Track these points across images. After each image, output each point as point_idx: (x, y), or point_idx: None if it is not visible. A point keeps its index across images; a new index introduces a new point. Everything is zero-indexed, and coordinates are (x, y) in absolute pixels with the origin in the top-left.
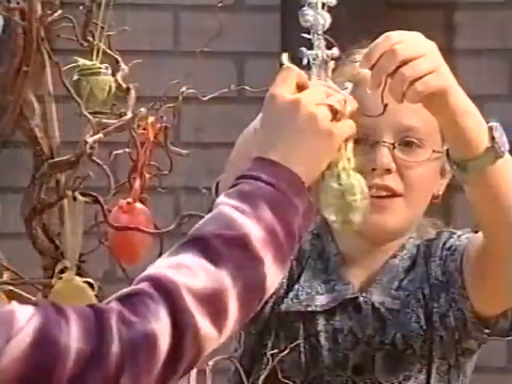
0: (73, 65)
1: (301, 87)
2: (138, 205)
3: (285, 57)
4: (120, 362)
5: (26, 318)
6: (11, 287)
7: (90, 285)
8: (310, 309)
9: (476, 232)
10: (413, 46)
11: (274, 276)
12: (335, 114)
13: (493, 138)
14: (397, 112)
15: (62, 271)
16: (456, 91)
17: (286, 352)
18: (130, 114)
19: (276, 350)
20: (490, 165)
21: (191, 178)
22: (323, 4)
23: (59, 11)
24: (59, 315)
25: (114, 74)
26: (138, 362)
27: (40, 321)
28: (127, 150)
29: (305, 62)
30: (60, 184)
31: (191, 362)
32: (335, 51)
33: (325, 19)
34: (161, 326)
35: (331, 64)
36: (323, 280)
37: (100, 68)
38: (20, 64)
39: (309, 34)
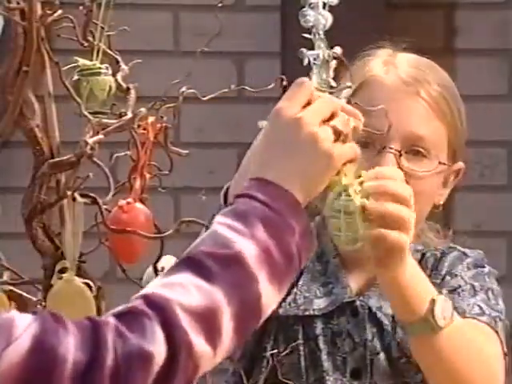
0: (73, 65)
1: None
2: (138, 205)
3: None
4: (114, 374)
5: (24, 325)
6: (11, 287)
7: (89, 286)
8: (307, 313)
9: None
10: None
11: (270, 295)
12: (338, 136)
13: (432, 311)
14: (408, 121)
15: (62, 271)
16: (407, 256)
17: (285, 353)
18: (130, 114)
19: (276, 351)
20: (427, 334)
21: (191, 178)
22: (324, 4)
23: (59, 11)
24: (58, 324)
25: (114, 74)
26: (132, 376)
27: (38, 328)
28: (128, 152)
29: (305, 62)
30: (60, 184)
31: (187, 381)
32: (337, 50)
33: (326, 19)
34: (155, 342)
35: (333, 64)
36: (322, 283)
37: (100, 68)
38: (20, 64)
39: (309, 33)
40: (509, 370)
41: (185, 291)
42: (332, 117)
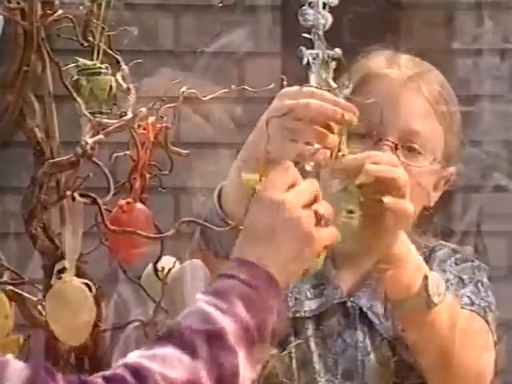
0: (73, 65)
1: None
2: (138, 205)
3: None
4: None
5: (17, 370)
6: (11, 287)
7: (88, 286)
8: (298, 315)
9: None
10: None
11: (246, 371)
12: (319, 220)
13: (425, 287)
14: (407, 116)
15: (62, 271)
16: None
17: (284, 353)
18: (130, 114)
19: (275, 351)
20: (421, 309)
21: (191, 178)
22: (324, 4)
23: (59, 11)
24: (49, 377)
25: (114, 74)
26: None
27: (30, 375)
28: (128, 152)
29: (304, 61)
30: (60, 184)
31: None
32: (337, 51)
33: (325, 19)
34: None
35: (332, 64)
36: (313, 284)
37: (100, 68)
38: (20, 64)
39: (309, 33)
40: (499, 362)
41: (167, 364)
42: (314, 200)
